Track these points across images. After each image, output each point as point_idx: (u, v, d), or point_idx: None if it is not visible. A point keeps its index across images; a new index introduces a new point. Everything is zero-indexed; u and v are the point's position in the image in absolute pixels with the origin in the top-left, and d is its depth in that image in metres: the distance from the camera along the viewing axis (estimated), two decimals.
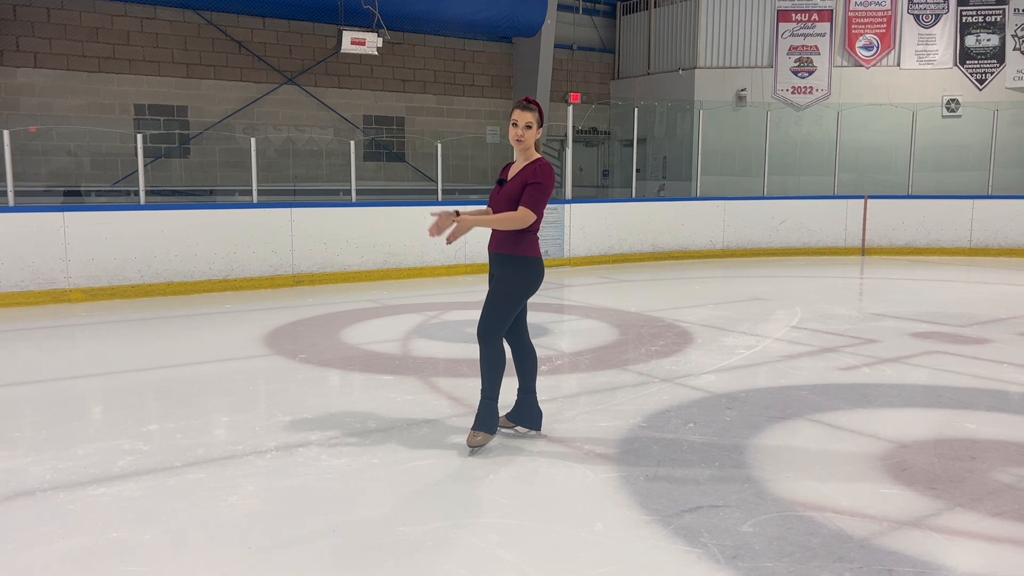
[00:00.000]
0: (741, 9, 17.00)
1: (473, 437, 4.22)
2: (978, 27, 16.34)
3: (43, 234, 8.78)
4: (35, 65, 13.26)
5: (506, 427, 4.48)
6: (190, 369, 6.10)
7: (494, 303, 4.18)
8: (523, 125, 4.14)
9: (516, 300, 4.20)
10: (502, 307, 4.17)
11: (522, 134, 4.14)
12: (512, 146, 4.23)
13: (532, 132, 4.15)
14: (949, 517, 3.41)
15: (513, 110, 4.18)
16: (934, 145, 16.00)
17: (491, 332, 4.16)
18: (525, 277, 4.20)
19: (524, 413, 4.42)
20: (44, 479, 3.79)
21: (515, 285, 4.18)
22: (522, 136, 4.15)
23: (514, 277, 4.17)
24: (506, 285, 4.17)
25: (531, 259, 4.20)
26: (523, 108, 4.15)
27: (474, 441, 4.21)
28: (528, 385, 4.39)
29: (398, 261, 11.03)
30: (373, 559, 3.05)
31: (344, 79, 16.02)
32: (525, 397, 4.40)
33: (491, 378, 4.21)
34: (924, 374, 5.87)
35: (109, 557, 3.04)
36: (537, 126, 4.16)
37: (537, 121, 4.16)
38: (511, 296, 4.18)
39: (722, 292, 10.11)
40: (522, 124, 4.14)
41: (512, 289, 4.18)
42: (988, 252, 13.85)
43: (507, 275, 4.18)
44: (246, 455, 4.14)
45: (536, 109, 4.18)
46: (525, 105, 4.16)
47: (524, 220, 4.08)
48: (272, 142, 15.02)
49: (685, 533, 3.24)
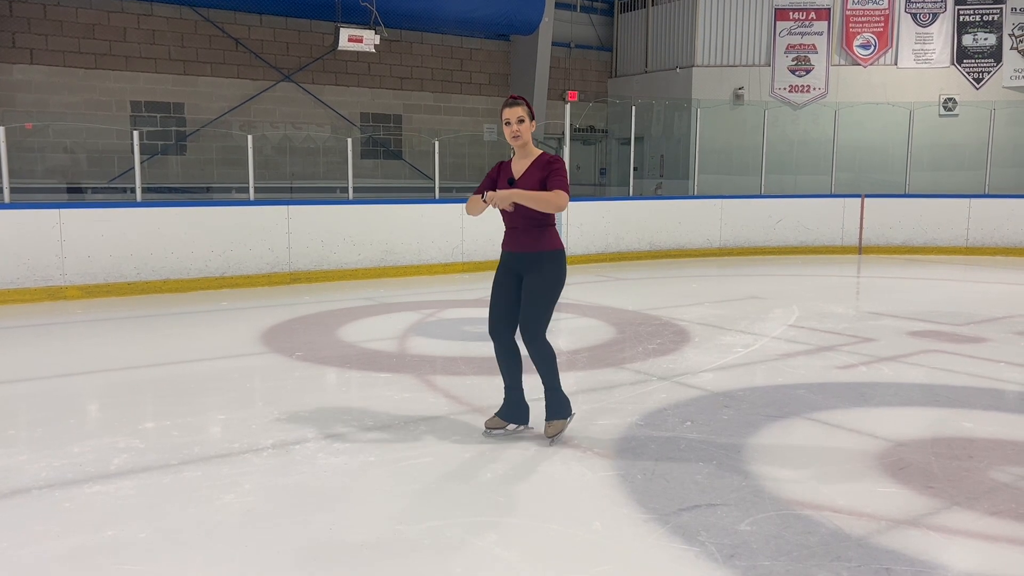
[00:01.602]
0: (739, 7, 17.00)
1: (550, 427, 4.32)
2: (975, 26, 16.37)
3: (39, 231, 8.75)
4: (31, 61, 13.22)
5: (496, 427, 4.46)
6: (186, 367, 6.09)
7: (535, 303, 4.18)
8: (516, 120, 4.16)
9: (554, 295, 4.26)
10: (544, 305, 4.21)
11: (518, 129, 4.16)
12: (511, 145, 4.24)
13: (527, 126, 4.18)
14: (946, 516, 3.41)
15: (502, 111, 4.21)
16: (931, 144, 16.03)
17: (538, 332, 4.21)
18: (555, 270, 4.22)
19: (513, 410, 4.43)
20: (40, 477, 3.78)
21: (549, 281, 4.21)
22: (518, 131, 4.16)
23: (547, 274, 4.20)
24: (541, 282, 4.18)
25: (558, 251, 4.24)
26: (511, 105, 4.18)
27: (552, 431, 4.31)
28: (515, 383, 4.41)
29: (395, 259, 11.02)
30: (370, 558, 3.04)
31: (341, 76, 16.00)
32: (512, 394, 4.41)
33: (549, 370, 4.28)
34: (921, 373, 5.87)
35: (105, 555, 3.03)
36: (529, 119, 4.19)
37: (528, 114, 4.19)
38: (549, 292, 4.22)
39: (719, 291, 10.11)
40: (515, 120, 4.16)
41: (548, 285, 4.21)
42: (984, 251, 13.87)
43: (540, 273, 4.19)
44: (242, 453, 4.12)
45: (524, 103, 4.21)
46: (512, 102, 4.19)
47: (561, 202, 4.05)
48: (269, 139, 15.00)
49: (683, 531, 3.23)
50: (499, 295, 4.32)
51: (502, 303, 4.30)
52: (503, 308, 4.30)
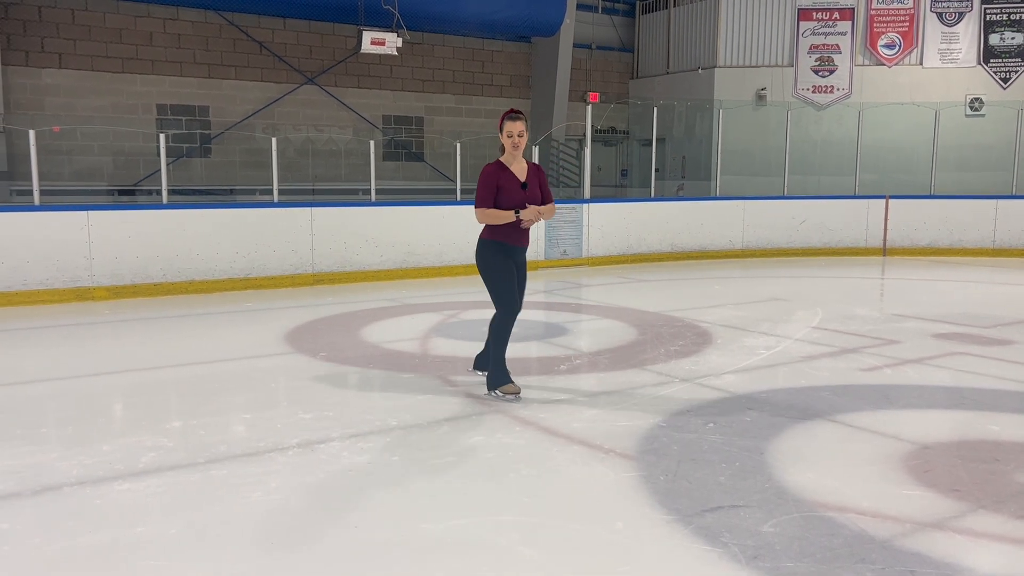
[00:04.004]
0: (761, 8, 16.91)
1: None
2: (1002, 25, 16.16)
3: (68, 233, 8.89)
4: (60, 66, 13.42)
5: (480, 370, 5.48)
6: (212, 367, 6.16)
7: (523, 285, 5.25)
8: (518, 134, 4.93)
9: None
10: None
11: (519, 141, 4.94)
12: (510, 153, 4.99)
13: (525, 137, 4.97)
14: (972, 519, 3.39)
15: (505, 123, 4.96)
16: (957, 145, 15.84)
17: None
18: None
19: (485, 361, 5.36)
20: (70, 475, 3.84)
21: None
22: (519, 143, 4.95)
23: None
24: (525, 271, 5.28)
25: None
26: (514, 119, 4.94)
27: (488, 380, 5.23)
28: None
29: (417, 260, 11.07)
30: (395, 556, 3.07)
31: (364, 79, 16.10)
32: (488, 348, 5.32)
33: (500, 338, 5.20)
34: (946, 375, 5.82)
35: (134, 551, 3.09)
36: (527, 132, 4.98)
37: (527, 127, 4.98)
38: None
39: (742, 292, 10.06)
40: (517, 133, 4.93)
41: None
42: (1012, 252, 13.69)
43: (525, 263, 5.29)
44: (268, 452, 4.17)
45: (523, 117, 4.99)
46: (515, 116, 4.95)
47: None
48: (292, 142, 15.12)
49: (706, 533, 3.23)
50: (513, 282, 5.13)
51: (516, 288, 5.14)
52: (517, 292, 5.16)
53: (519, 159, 5.03)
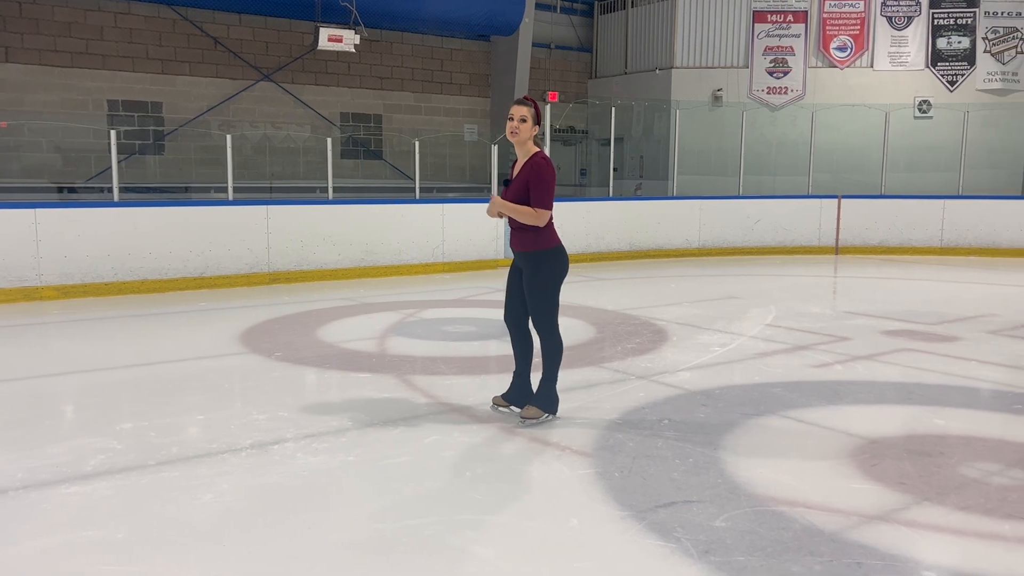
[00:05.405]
0: (717, 9, 17.11)
1: (527, 410, 4.58)
2: (949, 29, 16.57)
3: (14, 231, 8.66)
4: (7, 60, 13.07)
5: (500, 405, 4.79)
6: (164, 367, 6.06)
7: (534, 299, 4.51)
8: (518, 119, 4.39)
9: (551, 291, 4.53)
10: (543, 300, 4.51)
11: (516, 127, 4.39)
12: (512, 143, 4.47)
13: (527, 126, 4.39)
14: (917, 511, 3.48)
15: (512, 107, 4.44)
16: (906, 146, 16.21)
17: (545, 326, 4.53)
18: (551, 266, 4.51)
19: (516, 395, 4.73)
20: (16, 478, 3.75)
21: (543, 278, 4.50)
22: (516, 129, 4.39)
23: (543, 271, 4.49)
24: (535, 280, 4.49)
25: (551, 250, 4.52)
26: (518, 103, 4.42)
27: (527, 414, 4.57)
28: (522, 370, 4.70)
29: (375, 259, 11.00)
30: (348, 557, 3.05)
31: (321, 76, 15.93)
32: (518, 380, 4.71)
33: (551, 363, 4.58)
34: (895, 371, 5.95)
35: (82, 555, 3.03)
36: (533, 121, 4.41)
37: (532, 116, 4.40)
38: (544, 288, 4.52)
39: (698, 290, 10.18)
40: (517, 118, 4.39)
41: (541, 282, 4.50)
42: (958, 251, 14.05)
43: (537, 271, 4.50)
44: (221, 453, 4.12)
45: (531, 104, 4.43)
46: (521, 101, 4.43)
47: (540, 219, 4.41)
48: (248, 139, 14.91)
49: (659, 528, 3.27)
50: (510, 288, 4.69)
51: (514, 294, 4.66)
52: (513, 299, 4.66)
53: (524, 151, 4.46)
